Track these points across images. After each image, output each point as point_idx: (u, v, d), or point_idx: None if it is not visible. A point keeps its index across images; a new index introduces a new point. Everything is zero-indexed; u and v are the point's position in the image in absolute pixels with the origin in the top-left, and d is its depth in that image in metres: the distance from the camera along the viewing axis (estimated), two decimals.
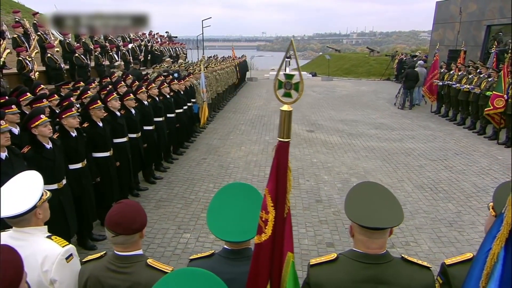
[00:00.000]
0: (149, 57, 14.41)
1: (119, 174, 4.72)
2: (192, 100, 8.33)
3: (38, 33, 9.25)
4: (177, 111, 7.01)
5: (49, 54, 8.16)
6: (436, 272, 1.49)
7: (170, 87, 6.97)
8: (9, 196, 1.69)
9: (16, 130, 3.70)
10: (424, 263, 1.44)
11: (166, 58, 11.75)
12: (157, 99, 6.21)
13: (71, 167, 3.81)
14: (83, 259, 1.72)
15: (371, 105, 12.95)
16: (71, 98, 4.35)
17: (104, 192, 4.45)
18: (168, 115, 6.54)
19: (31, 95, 4.52)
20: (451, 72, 10.43)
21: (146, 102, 5.78)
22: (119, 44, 11.77)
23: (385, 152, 7.46)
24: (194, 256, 1.69)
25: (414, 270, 1.40)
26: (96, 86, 5.81)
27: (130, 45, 12.37)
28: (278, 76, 1.11)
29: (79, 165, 3.89)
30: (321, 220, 4.69)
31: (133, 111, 5.22)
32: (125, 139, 4.91)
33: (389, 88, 16.32)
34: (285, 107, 1.11)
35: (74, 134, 3.84)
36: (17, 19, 9.20)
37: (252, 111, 11.92)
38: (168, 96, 6.73)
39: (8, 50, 7.43)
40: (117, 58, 10.55)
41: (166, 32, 18.38)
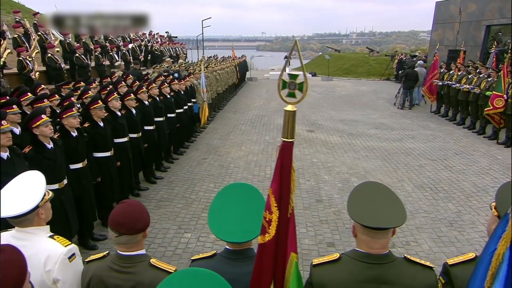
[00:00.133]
0: (149, 57, 14.40)
1: (120, 174, 4.72)
2: (193, 100, 8.33)
3: (39, 33, 9.24)
4: (178, 111, 7.02)
5: (50, 54, 8.16)
6: (438, 272, 1.49)
7: (171, 87, 6.97)
8: (12, 196, 1.69)
9: (17, 130, 3.70)
10: (427, 263, 1.43)
11: (166, 58, 11.74)
12: (158, 99, 6.21)
13: (72, 167, 3.81)
14: (86, 259, 1.72)
15: (371, 105, 12.95)
16: (72, 98, 4.36)
17: (105, 192, 4.45)
18: (169, 115, 6.55)
19: (32, 95, 4.52)
20: (451, 72, 10.44)
21: (147, 102, 5.79)
22: (119, 44, 11.77)
23: (385, 152, 7.47)
24: (196, 257, 1.68)
25: (417, 270, 1.40)
26: (97, 86, 5.81)
27: (130, 45, 12.37)
28: (282, 76, 1.09)
29: (80, 165, 3.90)
30: (322, 220, 4.69)
31: (134, 111, 5.23)
32: (126, 139, 4.91)
33: (389, 88, 16.33)
34: (289, 107, 1.09)
35: (75, 134, 3.84)
36: (18, 19, 9.19)
37: (252, 111, 11.92)
38: (169, 96, 6.73)
39: (9, 50, 7.43)
40: (118, 58, 10.55)
41: (166, 32, 18.37)
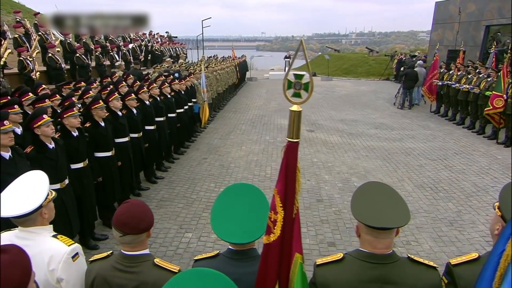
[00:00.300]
0: (149, 57, 14.41)
1: (121, 174, 4.73)
2: (193, 100, 8.34)
3: (39, 33, 9.24)
4: (178, 111, 7.02)
5: (50, 54, 8.15)
6: (441, 272, 1.49)
7: (171, 87, 6.98)
8: (15, 196, 1.69)
9: (19, 130, 3.71)
10: (431, 263, 1.43)
11: (167, 58, 11.75)
12: (159, 99, 6.22)
13: (73, 167, 3.82)
14: (90, 259, 1.73)
15: (371, 105, 12.96)
16: (73, 98, 4.36)
17: (106, 192, 4.45)
18: (169, 115, 6.55)
19: (33, 95, 4.53)
20: (451, 72, 10.45)
21: (148, 102, 5.79)
22: (120, 44, 11.76)
23: (385, 152, 7.48)
24: (199, 257, 1.69)
25: (421, 270, 1.39)
26: (98, 86, 5.81)
27: (131, 45, 12.37)
28: (288, 76, 1.09)
29: (81, 165, 3.90)
30: (322, 220, 4.70)
31: (135, 111, 5.23)
32: (127, 139, 4.91)
33: (389, 88, 16.34)
34: (295, 107, 1.09)
35: (76, 134, 3.85)
36: (18, 19, 9.18)
37: (252, 111, 11.92)
38: (169, 96, 6.74)
39: (9, 50, 7.43)
40: (118, 58, 10.55)
41: (166, 32, 18.37)
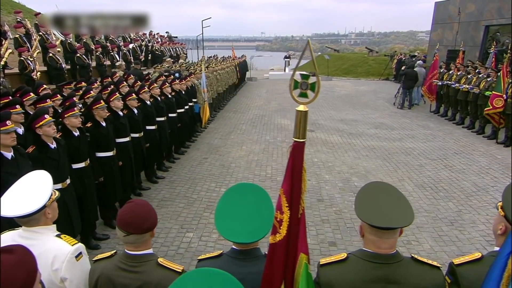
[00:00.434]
0: (150, 57, 14.42)
1: (122, 174, 4.73)
2: (194, 100, 8.35)
3: (40, 33, 9.25)
4: (179, 111, 7.03)
5: (51, 54, 8.15)
6: (444, 272, 1.49)
7: (172, 87, 6.99)
8: (19, 196, 1.69)
9: (21, 130, 3.71)
10: (434, 263, 1.43)
11: (167, 58, 11.76)
12: (159, 99, 6.23)
13: (74, 167, 3.82)
14: (94, 258, 1.73)
15: (371, 105, 12.98)
16: (74, 98, 4.37)
17: (107, 192, 4.46)
18: (170, 115, 6.56)
19: (34, 95, 4.53)
20: (450, 72, 10.47)
21: (149, 102, 5.80)
22: (120, 44, 11.77)
23: (385, 152, 7.49)
24: (203, 256, 1.69)
25: (425, 270, 1.40)
26: (99, 86, 5.82)
27: (131, 45, 12.38)
28: (294, 76, 1.08)
29: (82, 165, 3.90)
30: (323, 219, 4.71)
31: (136, 111, 5.24)
32: (128, 139, 4.91)
33: (388, 88, 16.36)
34: (301, 107, 1.09)
35: (77, 134, 3.85)
36: (19, 20, 9.18)
37: (253, 111, 11.93)
38: (170, 96, 6.75)
39: (10, 50, 7.44)
40: (118, 58, 10.55)
41: (166, 32, 18.39)
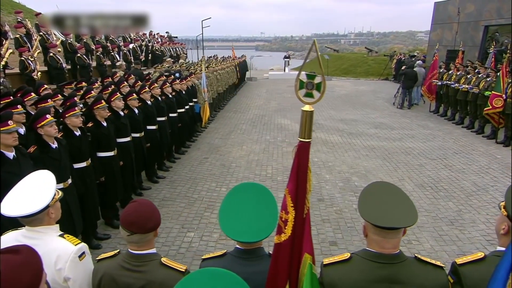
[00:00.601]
0: (150, 57, 14.42)
1: (123, 174, 4.73)
2: (194, 100, 8.35)
3: (40, 34, 9.24)
4: (179, 111, 7.03)
5: (52, 54, 8.15)
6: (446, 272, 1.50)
7: (172, 87, 6.99)
8: (23, 196, 1.70)
9: (22, 130, 3.72)
10: (438, 263, 1.44)
11: (167, 58, 11.76)
12: (160, 99, 6.24)
13: (76, 166, 3.82)
14: (97, 258, 1.74)
15: (370, 105, 12.99)
16: (75, 98, 4.37)
17: (108, 192, 4.46)
18: (171, 115, 6.57)
19: (36, 95, 4.54)
20: (450, 72, 10.49)
21: (149, 102, 5.80)
22: (120, 44, 11.78)
23: (385, 151, 7.50)
24: (206, 256, 1.69)
25: (428, 270, 1.40)
26: (99, 86, 5.82)
27: (131, 45, 12.38)
28: (300, 76, 1.08)
29: (84, 164, 3.91)
30: (324, 219, 4.72)
31: (136, 111, 5.25)
32: (129, 139, 4.92)
33: (388, 88, 16.37)
34: (307, 107, 1.09)
35: (78, 133, 3.86)
36: (19, 20, 9.18)
37: (253, 111, 11.94)
38: (171, 96, 6.75)
39: (11, 50, 7.44)
40: (119, 58, 10.56)
41: (167, 32, 18.40)
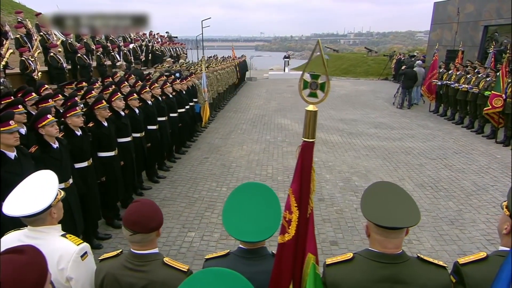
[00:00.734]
0: (150, 57, 14.42)
1: (123, 174, 4.74)
2: (194, 100, 8.36)
3: (41, 34, 9.24)
4: (180, 111, 7.04)
5: (52, 54, 8.15)
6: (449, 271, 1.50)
7: (173, 87, 7.00)
8: (25, 195, 1.70)
9: (23, 130, 3.72)
10: (440, 263, 1.44)
11: (167, 58, 11.76)
12: (160, 99, 6.24)
13: (77, 166, 3.82)
14: (100, 257, 1.74)
15: (370, 105, 13.00)
16: (76, 98, 4.38)
17: (109, 192, 4.47)
18: (171, 115, 6.57)
19: (36, 95, 4.54)
20: (450, 72, 10.51)
21: (150, 102, 5.81)
22: (120, 44, 11.78)
23: (385, 151, 7.51)
24: (210, 256, 1.70)
25: (431, 270, 1.40)
26: (100, 86, 5.83)
27: (131, 45, 12.38)
28: (304, 76, 1.08)
29: (85, 164, 3.91)
30: (324, 219, 4.73)
31: (137, 111, 5.25)
32: (129, 139, 4.92)
33: (387, 88, 16.38)
34: (311, 107, 1.09)
35: (79, 133, 3.86)
36: (20, 20, 9.18)
37: (253, 111, 11.95)
38: (171, 96, 6.76)
39: (11, 50, 7.45)
40: (119, 58, 10.56)
41: (167, 32, 18.40)
